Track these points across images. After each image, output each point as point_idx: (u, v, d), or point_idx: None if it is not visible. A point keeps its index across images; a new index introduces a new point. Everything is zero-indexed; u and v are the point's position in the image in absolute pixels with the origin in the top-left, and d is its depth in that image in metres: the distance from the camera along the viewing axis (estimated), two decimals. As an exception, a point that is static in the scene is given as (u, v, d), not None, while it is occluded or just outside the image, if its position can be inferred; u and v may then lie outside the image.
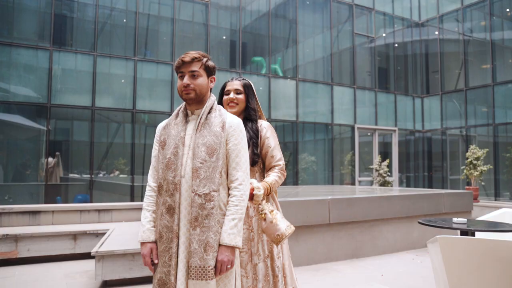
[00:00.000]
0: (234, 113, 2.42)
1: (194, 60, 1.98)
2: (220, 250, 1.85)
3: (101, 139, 10.64)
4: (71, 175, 10.28)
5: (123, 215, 6.24)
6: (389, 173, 12.92)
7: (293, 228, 2.19)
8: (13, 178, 9.72)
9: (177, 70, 2.01)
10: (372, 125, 14.41)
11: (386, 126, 14.78)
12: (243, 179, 1.95)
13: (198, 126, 1.98)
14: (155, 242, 1.97)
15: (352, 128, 14.00)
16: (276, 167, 2.41)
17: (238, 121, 2.05)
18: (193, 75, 1.97)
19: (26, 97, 9.49)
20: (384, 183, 12.53)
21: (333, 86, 13.73)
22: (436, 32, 15.60)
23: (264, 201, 2.21)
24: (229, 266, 1.85)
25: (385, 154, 14.81)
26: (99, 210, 6.05)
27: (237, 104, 2.52)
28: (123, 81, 10.70)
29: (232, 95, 2.52)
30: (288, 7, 13.52)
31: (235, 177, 1.95)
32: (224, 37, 12.68)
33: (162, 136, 2.05)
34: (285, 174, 2.44)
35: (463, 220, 3.24)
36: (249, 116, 2.52)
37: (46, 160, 9.52)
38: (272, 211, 2.19)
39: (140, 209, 6.34)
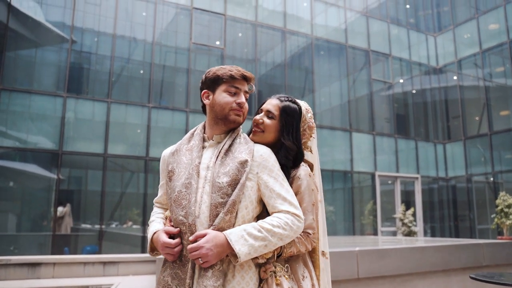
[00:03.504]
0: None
1: (252, 79, 1.67)
2: (214, 236, 1.40)
3: (114, 188, 10.36)
4: (83, 225, 9.94)
5: (131, 268, 5.77)
6: (414, 223, 12.21)
7: None
8: (23, 227, 9.42)
9: (230, 83, 1.62)
10: (393, 173, 13.86)
11: (407, 173, 14.20)
12: (296, 212, 1.53)
13: (219, 152, 1.57)
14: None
15: (373, 175, 13.47)
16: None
17: (270, 151, 1.64)
18: (246, 98, 1.67)
19: (38, 144, 9.37)
20: (410, 233, 11.80)
21: (351, 133, 13.39)
22: (455, 77, 15.35)
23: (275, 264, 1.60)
24: (202, 261, 1.38)
25: (407, 203, 14.12)
26: (104, 262, 5.61)
27: (262, 131, 1.74)
28: (138, 129, 10.56)
29: (259, 116, 1.77)
30: (303, 57, 13.51)
31: (286, 209, 1.52)
32: (239, 86, 12.61)
33: (170, 165, 1.64)
34: (313, 244, 1.68)
35: (525, 275, 2.73)
36: (278, 158, 1.68)
37: (55, 209, 9.22)
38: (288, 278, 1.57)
39: (150, 261, 5.88)
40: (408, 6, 16.05)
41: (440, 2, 16.30)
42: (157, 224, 1.66)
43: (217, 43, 11.95)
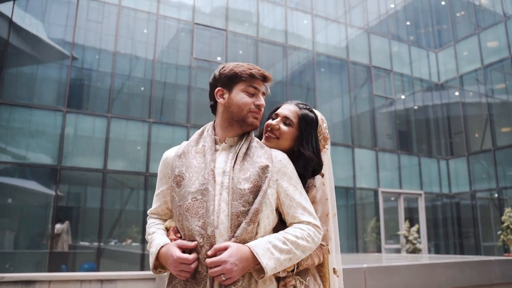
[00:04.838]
0: None
1: (270, 80, 1.55)
2: (237, 249, 1.25)
3: (113, 205, 10.20)
4: (81, 242, 9.75)
5: (129, 286, 5.58)
6: (419, 240, 11.99)
7: None
8: (20, 245, 9.24)
9: (249, 82, 1.48)
10: (396, 189, 13.68)
11: (410, 189, 14.02)
12: (316, 223, 1.42)
13: (237, 156, 1.42)
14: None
15: (375, 192, 13.29)
16: None
17: (287, 156, 1.52)
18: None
19: (37, 160, 9.26)
20: (414, 251, 11.58)
21: (353, 149, 13.27)
22: (457, 93, 15.31)
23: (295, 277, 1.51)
24: (224, 278, 1.22)
25: (411, 220, 13.91)
26: (101, 280, 5.41)
27: (277, 138, 1.61)
28: (138, 145, 10.45)
29: (276, 122, 1.64)
30: (304, 74, 13.49)
31: (307, 220, 1.41)
32: (240, 103, 12.58)
33: (177, 169, 1.45)
34: (326, 255, 1.61)
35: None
36: (296, 168, 1.57)
37: (53, 226, 9.04)
38: None
39: (149, 279, 5.69)
40: (408, 23, 16.13)
41: (440, 19, 16.39)
42: (161, 236, 1.46)
43: (219, 58, 11.94)
